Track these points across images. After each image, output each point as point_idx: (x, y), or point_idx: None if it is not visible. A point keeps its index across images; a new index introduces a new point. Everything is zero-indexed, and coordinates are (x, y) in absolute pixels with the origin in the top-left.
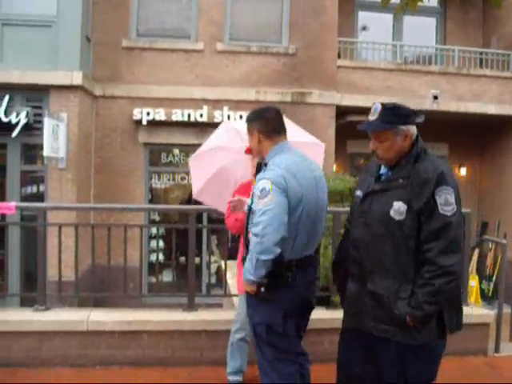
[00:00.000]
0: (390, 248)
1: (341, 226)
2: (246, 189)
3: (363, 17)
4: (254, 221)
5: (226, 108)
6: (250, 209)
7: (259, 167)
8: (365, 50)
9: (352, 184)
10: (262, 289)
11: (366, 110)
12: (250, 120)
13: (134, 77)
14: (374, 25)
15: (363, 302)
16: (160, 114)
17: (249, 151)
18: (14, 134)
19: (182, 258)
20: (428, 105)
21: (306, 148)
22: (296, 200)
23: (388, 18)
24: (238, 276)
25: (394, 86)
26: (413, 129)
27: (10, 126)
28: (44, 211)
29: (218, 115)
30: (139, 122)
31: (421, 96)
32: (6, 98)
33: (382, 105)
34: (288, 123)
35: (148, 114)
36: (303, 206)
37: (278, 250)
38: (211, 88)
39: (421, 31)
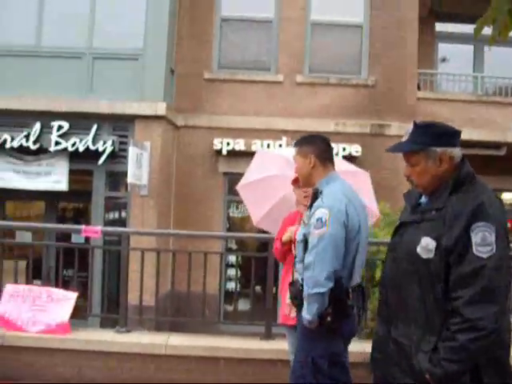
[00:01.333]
0: (416, 290)
1: None
2: (292, 220)
3: (443, 48)
4: (308, 252)
5: None
6: (304, 238)
7: (315, 195)
8: (445, 81)
9: None
10: (329, 318)
11: None
12: (305, 143)
13: (215, 108)
14: (454, 56)
15: (389, 348)
16: (240, 144)
17: (296, 182)
18: (100, 161)
19: (258, 287)
20: (510, 137)
21: (355, 177)
22: (355, 229)
23: (468, 49)
24: (282, 305)
25: (475, 118)
26: (452, 151)
27: (96, 154)
28: (128, 236)
29: None
30: (219, 151)
31: (503, 128)
32: (95, 127)
33: (415, 124)
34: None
35: (228, 144)
36: (361, 233)
37: (330, 284)
38: (290, 119)
39: (503, 62)
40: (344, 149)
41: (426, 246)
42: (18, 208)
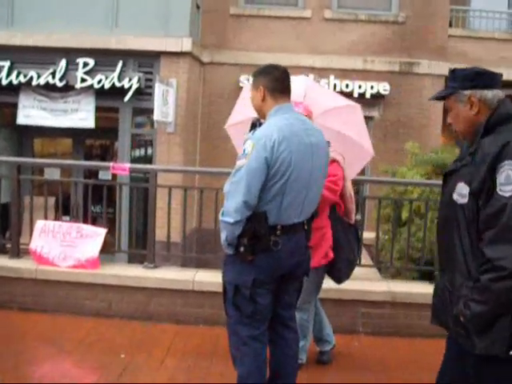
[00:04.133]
0: (456, 237)
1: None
2: None
3: None
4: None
5: (332, 77)
6: None
7: (253, 126)
8: (478, 18)
9: None
10: (241, 248)
11: None
12: (257, 74)
13: (241, 44)
14: None
15: (444, 296)
16: None
17: None
18: (126, 98)
19: None
20: None
21: (341, 113)
22: (285, 164)
23: None
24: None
25: (508, 57)
26: (482, 93)
27: (122, 91)
28: (155, 173)
29: (324, 83)
30: None
31: None
32: (120, 63)
33: (449, 70)
34: (320, 89)
35: None
36: (292, 172)
37: (239, 216)
38: (318, 56)
39: None
40: (372, 87)
41: (461, 190)
42: (46, 145)
